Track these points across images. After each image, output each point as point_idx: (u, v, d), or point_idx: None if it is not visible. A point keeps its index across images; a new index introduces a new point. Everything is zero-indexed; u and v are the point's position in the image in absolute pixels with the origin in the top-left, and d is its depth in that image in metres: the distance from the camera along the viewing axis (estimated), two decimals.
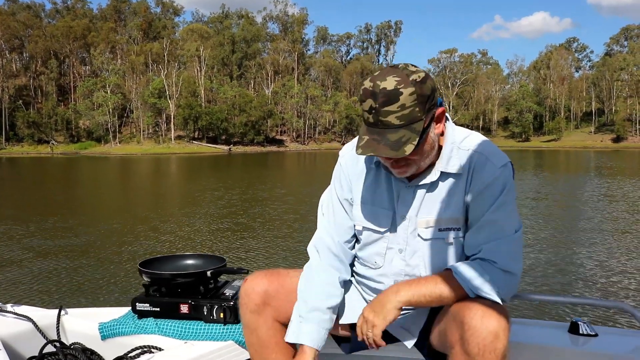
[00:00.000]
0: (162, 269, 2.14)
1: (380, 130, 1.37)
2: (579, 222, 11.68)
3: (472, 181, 1.48)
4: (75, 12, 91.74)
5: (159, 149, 70.62)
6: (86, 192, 21.14)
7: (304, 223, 11.58)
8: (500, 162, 1.48)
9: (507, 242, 1.45)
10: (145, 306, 2.03)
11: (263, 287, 1.65)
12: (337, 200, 1.67)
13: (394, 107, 1.34)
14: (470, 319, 1.32)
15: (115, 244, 9.63)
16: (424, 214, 1.52)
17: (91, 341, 2.05)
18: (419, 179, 1.52)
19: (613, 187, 19.23)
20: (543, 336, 1.84)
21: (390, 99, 1.34)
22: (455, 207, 1.50)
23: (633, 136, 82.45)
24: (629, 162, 38.29)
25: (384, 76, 1.36)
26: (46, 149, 72.27)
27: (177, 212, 13.75)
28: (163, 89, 75.24)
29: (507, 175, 1.48)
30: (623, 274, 7.24)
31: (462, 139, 1.53)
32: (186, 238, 10.07)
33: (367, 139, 1.38)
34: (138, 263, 2.10)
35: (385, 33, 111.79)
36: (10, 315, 2.09)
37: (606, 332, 1.86)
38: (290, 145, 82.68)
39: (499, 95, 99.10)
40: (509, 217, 1.46)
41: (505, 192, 1.46)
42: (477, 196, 1.47)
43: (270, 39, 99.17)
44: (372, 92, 1.36)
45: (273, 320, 1.66)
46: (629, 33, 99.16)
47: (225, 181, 23.73)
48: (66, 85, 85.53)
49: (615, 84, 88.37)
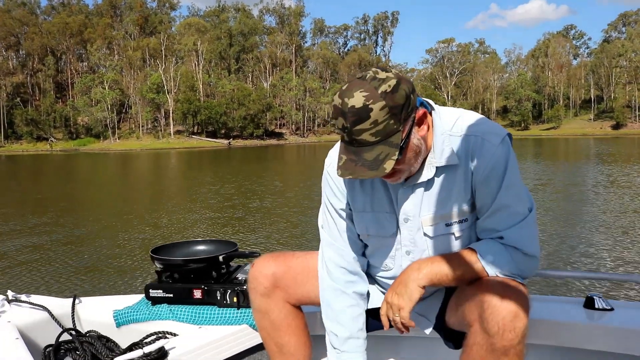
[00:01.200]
0: (174, 255, 2.14)
1: (356, 149, 1.31)
2: (591, 207, 11.72)
3: (474, 167, 1.42)
4: (70, 8, 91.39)
5: (159, 144, 70.54)
6: (90, 187, 21.18)
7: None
8: (497, 138, 1.41)
9: (525, 225, 1.41)
10: (159, 292, 2.04)
11: (271, 270, 1.64)
12: (334, 211, 1.62)
13: (366, 125, 1.26)
14: (489, 297, 1.29)
15: (124, 233, 9.67)
16: (427, 212, 1.48)
17: (106, 329, 2.07)
18: (414, 179, 1.46)
19: (616, 174, 19.25)
20: (558, 312, 1.83)
21: (360, 117, 1.26)
22: (459, 198, 1.45)
23: (632, 123, 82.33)
24: (629, 149, 38.26)
25: (351, 91, 1.28)
26: (45, 146, 72.20)
27: (185, 204, 13.76)
28: (161, 84, 75.07)
29: (507, 152, 1.41)
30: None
31: (452, 124, 1.45)
32: (197, 225, 10.14)
33: (345, 160, 1.33)
34: (150, 250, 2.11)
35: (382, 24, 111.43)
36: (25, 305, 2.10)
37: (622, 306, 1.85)
38: (290, 138, 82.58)
39: (498, 84, 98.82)
40: (519, 197, 1.43)
41: (509, 170, 1.40)
42: (482, 181, 1.42)
43: (268, 32, 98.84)
44: (341, 110, 1.29)
45: (284, 302, 1.66)
46: (626, 19, 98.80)
47: (235, 174, 23.75)
48: (63, 82, 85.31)
49: (613, 70, 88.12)
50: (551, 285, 5.45)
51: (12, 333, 1.83)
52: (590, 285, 5.35)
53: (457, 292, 1.51)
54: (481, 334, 1.30)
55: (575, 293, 5.31)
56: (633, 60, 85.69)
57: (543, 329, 1.77)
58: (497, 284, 1.34)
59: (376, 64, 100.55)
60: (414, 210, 1.49)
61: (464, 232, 1.48)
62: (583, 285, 5.47)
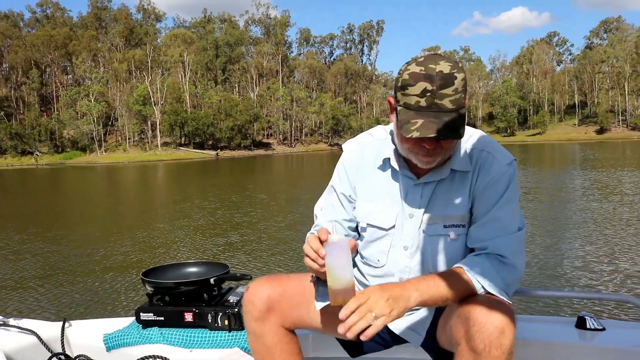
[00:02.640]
0: (165, 278, 2.14)
1: (435, 113, 1.35)
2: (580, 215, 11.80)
3: (478, 178, 1.50)
4: (55, 20, 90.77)
5: (146, 157, 70.09)
6: (77, 203, 20.96)
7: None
8: (506, 159, 1.51)
9: (511, 239, 1.46)
10: (150, 316, 2.03)
11: (266, 294, 1.63)
12: (335, 195, 1.66)
13: (449, 91, 1.34)
14: (476, 314, 1.30)
15: (114, 253, 9.57)
16: (431, 210, 1.53)
17: (96, 353, 2.04)
18: (429, 176, 1.53)
19: (604, 179, 19.44)
20: (550, 332, 1.83)
21: (447, 82, 1.34)
22: (462, 204, 1.52)
23: (616, 127, 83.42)
24: (612, 154, 38.72)
25: (436, 60, 1.36)
26: (30, 160, 71.37)
27: (175, 221, 13.68)
28: (147, 96, 74.73)
29: (512, 173, 1.51)
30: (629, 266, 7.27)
31: (467, 137, 1.55)
32: (191, 247, 10.04)
33: (423, 122, 1.35)
34: (141, 272, 2.10)
35: (368, 33, 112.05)
36: (13, 330, 2.07)
37: (614, 326, 1.85)
38: (278, 148, 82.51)
39: (483, 91, 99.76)
40: (513, 214, 1.49)
41: (510, 189, 1.49)
42: (482, 192, 1.50)
43: (254, 42, 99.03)
44: (426, 75, 1.34)
45: (278, 326, 1.64)
46: (608, 26, 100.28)
47: (231, 188, 23.63)
48: (48, 95, 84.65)
49: (596, 76, 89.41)
50: (542, 305, 5.42)
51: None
52: (581, 305, 5.33)
53: (446, 310, 1.51)
54: (468, 352, 1.30)
55: (566, 313, 5.27)
56: (615, 65, 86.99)
57: (535, 349, 1.75)
58: (483, 301, 1.35)
59: (362, 72, 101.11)
60: (420, 207, 1.54)
61: (460, 237, 1.52)
62: (574, 304, 5.44)
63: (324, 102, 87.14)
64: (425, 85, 1.34)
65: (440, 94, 1.34)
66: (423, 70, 1.35)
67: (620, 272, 7.02)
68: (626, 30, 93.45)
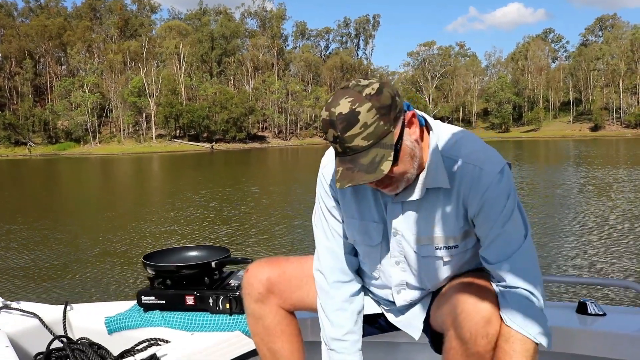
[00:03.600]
0: (166, 261, 2.14)
1: (351, 157, 1.27)
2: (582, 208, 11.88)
3: (470, 197, 1.38)
4: (49, 10, 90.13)
5: (140, 148, 69.88)
6: (72, 193, 20.88)
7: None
8: (496, 168, 1.36)
9: (519, 254, 1.37)
10: (151, 299, 2.04)
11: (265, 275, 1.63)
12: (327, 210, 1.62)
13: (356, 130, 1.24)
14: (463, 303, 1.31)
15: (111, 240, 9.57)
16: (417, 230, 1.46)
17: (98, 336, 2.05)
18: (404, 195, 1.43)
19: (598, 176, 19.53)
20: (551, 317, 1.76)
21: (349, 123, 1.24)
22: (449, 224, 1.42)
23: (610, 124, 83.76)
24: (607, 150, 38.89)
25: (337, 101, 1.26)
26: (24, 151, 71.04)
27: (172, 211, 13.67)
28: (143, 88, 74.42)
29: (505, 182, 1.36)
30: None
31: (450, 146, 1.41)
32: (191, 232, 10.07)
33: (342, 170, 1.28)
34: (142, 256, 2.11)
35: (364, 27, 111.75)
36: (16, 312, 2.08)
37: (614, 311, 1.87)
38: (273, 142, 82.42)
39: (478, 87, 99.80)
40: (516, 225, 1.38)
41: (509, 201, 1.36)
42: (479, 212, 1.38)
43: (249, 35, 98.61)
44: (330, 121, 1.26)
45: (277, 307, 1.65)
46: (603, 23, 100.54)
47: (229, 181, 23.59)
48: (42, 86, 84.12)
49: (591, 73, 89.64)
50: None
51: (2, 341, 1.81)
52: (583, 291, 5.35)
53: (438, 296, 1.51)
54: (455, 340, 1.31)
55: (567, 298, 5.30)
56: (610, 63, 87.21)
57: None
58: (471, 288, 1.34)
59: (358, 67, 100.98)
60: (403, 227, 1.47)
61: (454, 258, 1.46)
62: (576, 289, 5.47)
63: (319, 95, 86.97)
64: (332, 132, 1.26)
65: (346, 138, 1.25)
66: (327, 116, 1.26)
67: (621, 259, 7.08)
68: (621, 27, 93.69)
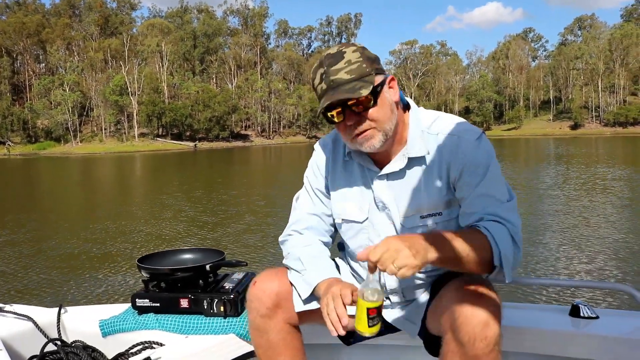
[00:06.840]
0: (161, 264, 2.14)
1: (334, 89, 1.40)
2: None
3: (451, 164, 1.47)
4: (27, 7, 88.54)
5: (123, 147, 69.08)
6: (49, 193, 20.59)
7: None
8: (473, 136, 1.48)
9: (505, 207, 1.42)
10: (145, 302, 2.04)
11: (274, 289, 1.59)
12: (312, 189, 1.69)
13: (341, 64, 1.39)
14: (461, 306, 1.31)
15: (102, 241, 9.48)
16: (402, 204, 1.52)
17: (92, 339, 2.04)
18: (388, 167, 1.53)
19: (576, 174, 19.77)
20: (544, 320, 1.84)
21: (336, 59, 1.41)
22: (433, 192, 1.50)
23: (589, 123, 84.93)
24: (587, 148, 39.41)
25: (327, 49, 1.46)
26: (2, 151, 69.75)
27: (159, 212, 13.57)
28: (124, 86, 73.59)
29: (483, 146, 1.47)
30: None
31: (430, 123, 1.53)
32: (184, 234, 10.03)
33: (324, 99, 1.41)
34: (136, 259, 2.11)
35: (346, 25, 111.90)
36: (10, 315, 2.07)
37: (607, 314, 1.87)
38: (256, 140, 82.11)
39: (460, 86, 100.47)
40: (500, 187, 1.45)
41: (490, 165, 1.45)
42: (461, 175, 1.46)
43: (232, 33, 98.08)
44: (319, 61, 1.44)
45: (284, 323, 1.61)
46: (582, 23, 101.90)
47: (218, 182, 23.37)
48: (20, 84, 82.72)
49: (571, 72, 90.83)
50: (536, 294, 5.44)
51: None
52: (575, 293, 5.34)
53: (435, 298, 1.54)
54: (453, 343, 1.32)
55: (560, 301, 5.29)
56: (589, 62, 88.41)
57: (529, 337, 1.77)
58: (469, 291, 1.35)
59: None
60: (389, 200, 1.54)
61: (439, 226, 1.51)
62: (569, 292, 5.47)
63: (302, 94, 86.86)
64: (320, 71, 1.43)
65: (332, 71, 1.40)
66: (317, 62, 1.44)
67: (614, 261, 7.09)
68: (599, 27, 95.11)
